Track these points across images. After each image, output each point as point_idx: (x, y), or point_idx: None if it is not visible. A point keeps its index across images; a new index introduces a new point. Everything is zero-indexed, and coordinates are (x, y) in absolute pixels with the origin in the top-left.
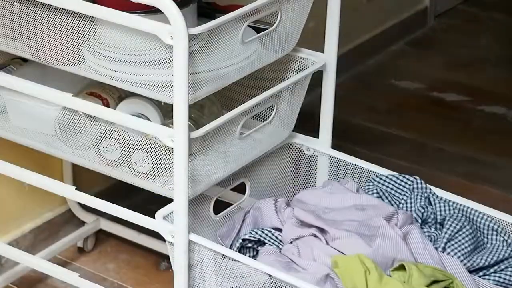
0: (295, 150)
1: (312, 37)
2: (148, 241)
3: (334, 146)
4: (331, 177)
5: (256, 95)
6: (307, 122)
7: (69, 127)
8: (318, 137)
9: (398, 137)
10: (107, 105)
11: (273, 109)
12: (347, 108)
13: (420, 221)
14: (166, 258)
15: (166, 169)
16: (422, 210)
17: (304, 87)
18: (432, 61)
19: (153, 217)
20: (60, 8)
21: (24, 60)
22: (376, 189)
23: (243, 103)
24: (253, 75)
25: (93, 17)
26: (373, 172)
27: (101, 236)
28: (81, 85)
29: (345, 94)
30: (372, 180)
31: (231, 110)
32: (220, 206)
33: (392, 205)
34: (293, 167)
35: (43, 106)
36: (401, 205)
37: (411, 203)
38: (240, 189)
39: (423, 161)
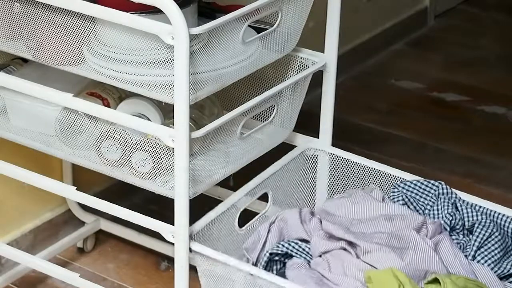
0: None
1: (312, 37)
2: (148, 241)
3: (334, 146)
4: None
5: (257, 95)
6: (307, 122)
7: (70, 127)
8: (318, 137)
9: (398, 137)
10: (108, 105)
11: (273, 109)
12: (347, 108)
13: (448, 228)
14: (166, 258)
15: (167, 169)
16: (450, 218)
17: (304, 87)
18: (432, 61)
19: (153, 217)
20: (61, 8)
21: (25, 60)
22: (402, 195)
23: (243, 103)
24: (254, 75)
25: (93, 17)
26: (373, 169)
27: (101, 236)
28: (81, 85)
29: (345, 94)
30: (396, 186)
31: (232, 110)
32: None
33: (418, 211)
34: (313, 174)
35: (43, 107)
36: (427, 211)
37: (438, 210)
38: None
39: (423, 161)
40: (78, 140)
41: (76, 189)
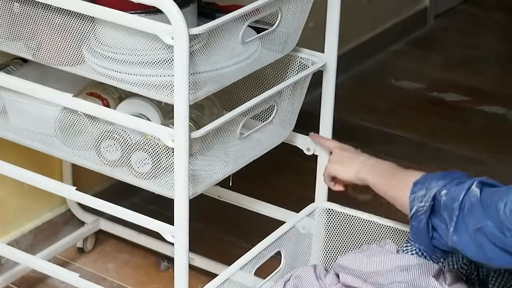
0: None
1: (312, 37)
2: (148, 241)
3: None
4: (343, 235)
5: (257, 95)
6: (307, 122)
7: (69, 127)
8: None
9: (398, 137)
10: (107, 105)
11: (273, 109)
12: (347, 108)
13: (464, 278)
14: (166, 258)
15: (166, 169)
16: (466, 267)
17: (304, 87)
18: (432, 61)
19: (153, 217)
20: (60, 8)
21: (24, 60)
22: (415, 249)
23: (243, 103)
24: (254, 75)
25: (93, 17)
26: (384, 225)
27: (101, 236)
28: (81, 86)
29: (345, 94)
30: (409, 240)
31: (232, 110)
32: (224, 207)
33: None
34: (326, 230)
35: (43, 107)
36: (440, 264)
37: (452, 260)
38: (244, 189)
39: (423, 161)
40: (78, 140)
41: (76, 189)
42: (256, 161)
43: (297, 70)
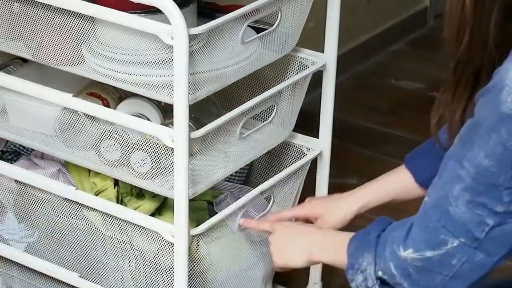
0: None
1: (312, 37)
2: None
3: (334, 146)
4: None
5: (256, 95)
6: (307, 122)
7: (69, 127)
8: (318, 137)
9: (398, 137)
10: (107, 106)
11: (273, 109)
12: (347, 108)
13: None
14: None
15: (166, 169)
16: None
17: (304, 87)
18: (432, 61)
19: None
20: (60, 8)
21: (24, 60)
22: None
23: (243, 103)
24: (253, 75)
25: (93, 17)
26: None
27: None
28: (81, 86)
29: (345, 94)
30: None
31: (231, 110)
32: None
33: None
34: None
35: (43, 107)
36: None
37: None
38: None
39: None
40: (78, 140)
41: (76, 189)
42: (256, 161)
43: (297, 70)
